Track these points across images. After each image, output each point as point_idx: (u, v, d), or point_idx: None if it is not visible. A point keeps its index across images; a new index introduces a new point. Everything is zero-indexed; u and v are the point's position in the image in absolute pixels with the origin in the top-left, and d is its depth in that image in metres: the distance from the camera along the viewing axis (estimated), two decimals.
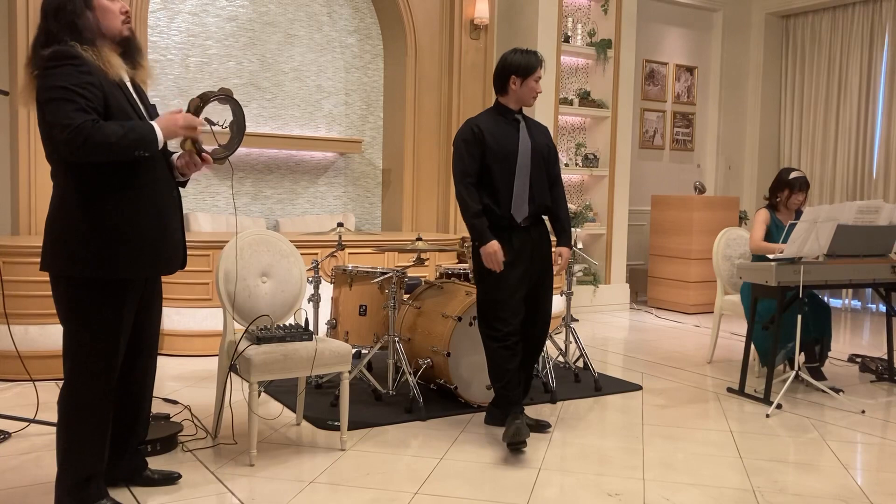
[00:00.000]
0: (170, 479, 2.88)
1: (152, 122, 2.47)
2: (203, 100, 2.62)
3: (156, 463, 2.97)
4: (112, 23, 2.49)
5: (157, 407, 3.25)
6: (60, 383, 2.57)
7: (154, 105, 2.69)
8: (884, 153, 7.88)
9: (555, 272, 3.68)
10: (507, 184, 3.48)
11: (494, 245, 3.41)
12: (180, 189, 2.73)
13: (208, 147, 2.69)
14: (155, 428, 3.30)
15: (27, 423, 3.46)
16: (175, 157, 2.68)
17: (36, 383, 3.74)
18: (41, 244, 2.52)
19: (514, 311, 3.47)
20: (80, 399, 2.52)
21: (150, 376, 2.84)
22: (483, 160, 3.48)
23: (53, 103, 2.33)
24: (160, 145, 2.46)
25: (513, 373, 3.46)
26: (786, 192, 4.74)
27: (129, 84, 2.57)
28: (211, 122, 2.63)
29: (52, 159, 2.49)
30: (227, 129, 2.72)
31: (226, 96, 2.65)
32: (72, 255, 2.44)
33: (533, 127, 3.63)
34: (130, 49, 2.56)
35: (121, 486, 2.80)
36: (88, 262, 2.43)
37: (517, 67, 3.50)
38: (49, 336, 4.29)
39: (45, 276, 2.53)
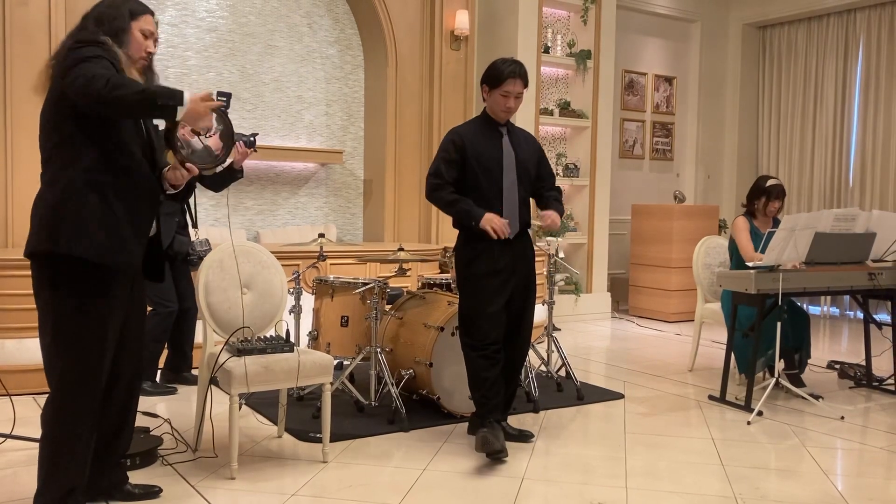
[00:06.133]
0: (150, 493, 2.85)
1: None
2: None
3: (136, 477, 2.93)
4: (132, 53, 2.60)
5: (136, 420, 3.21)
6: (38, 398, 2.54)
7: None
8: (859, 161, 7.99)
9: (544, 224, 3.55)
10: (495, 200, 3.44)
11: (488, 215, 3.35)
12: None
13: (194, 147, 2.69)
14: (135, 441, 3.25)
15: (3, 439, 3.41)
16: (164, 171, 2.70)
17: (13, 398, 3.69)
18: (17, 257, 2.51)
19: (494, 322, 3.44)
20: (66, 410, 2.50)
21: (136, 388, 2.82)
22: (464, 172, 3.47)
23: (81, 67, 2.37)
24: (184, 102, 2.42)
25: (491, 381, 3.43)
26: (763, 199, 4.79)
27: None
28: (198, 133, 2.61)
29: (46, 149, 2.52)
30: (212, 134, 2.70)
31: None
32: (50, 232, 2.45)
33: (518, 139, 3.57)
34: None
35: (100, 501, 2.76)
36: (63, 238, 2.43)
37: (487, 76, 3.47)
38: (26, 350, 4.22)
39: (23, 290, 2.52)
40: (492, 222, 3.33)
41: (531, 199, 3.68)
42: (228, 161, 4.35)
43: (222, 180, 4.44)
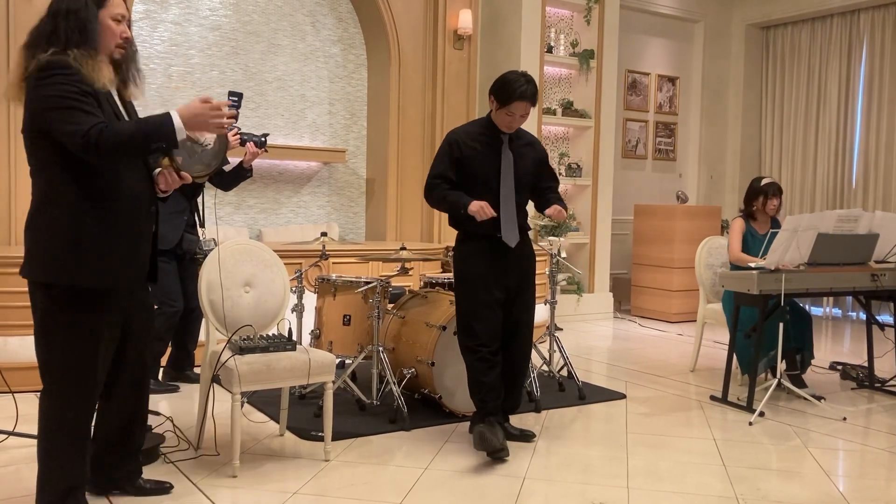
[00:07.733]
0: (161, 489, 2.85)
1: (169, 112, 2.42)
2: None
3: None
4: (107, 42, 2.50)
5: None
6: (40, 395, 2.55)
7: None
8: (862, 162, 7.98)
9: (550, 214, 3.56)
10: (492, 205, 3.39)
11: (475, 203, 3.32)
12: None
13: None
14: None
15: (6, 436, 3.41)
16: (155, 173, 2.66)
17: (15, 395, 3.70)
18: (20, 255, 2.51)
19: (486, 324, 3.42)
20: (59, 411, 2.50)
21: (142, 387, 2.82)
22: (461, 176, 3.45)
23: (57, 112, 2.34)
24: (181, 134, 2.41)
25: (489, 385, 3.42)
26: (761, 198, 4.81)
27: (115, 96, 2.57)
28: (193, 140, 2.61)
29: (32, 163, 2.48)
30: (210, 145, 2.70)
31: None
32: (48, 262, 2.43)
33: (520, 144, 3.53)
34: (121, 69, 2.57)
35: (112, 493, 2.79)
36: (63, 269, 2.42)
37: (496, 90, 3.42)
38: (29, 347, 4.17)
39: (25, 287, 2.52)
40: (480, 207, 3.31)
41: (530, 200, 3.67)
42: (235, 162, 4.37)
43: (232, 180, 4.45)
